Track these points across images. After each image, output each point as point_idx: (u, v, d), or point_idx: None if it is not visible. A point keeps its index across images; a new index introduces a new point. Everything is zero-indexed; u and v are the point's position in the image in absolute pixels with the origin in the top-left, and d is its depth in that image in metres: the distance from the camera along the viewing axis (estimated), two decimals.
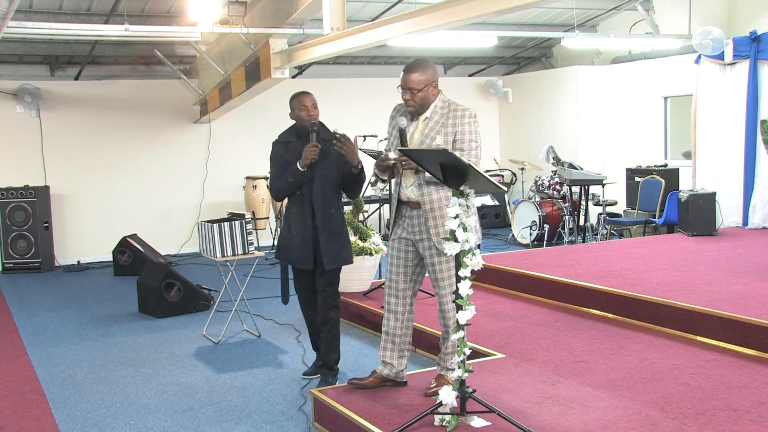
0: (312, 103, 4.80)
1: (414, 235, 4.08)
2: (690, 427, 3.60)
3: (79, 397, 5.00)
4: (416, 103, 4.00)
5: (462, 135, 3.95)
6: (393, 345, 4.24)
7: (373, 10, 9.77)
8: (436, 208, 3.97)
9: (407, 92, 3.99)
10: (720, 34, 8.72)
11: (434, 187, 3.96)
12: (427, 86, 3.97)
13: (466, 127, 3.96)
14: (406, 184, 4.07)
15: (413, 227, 4.08)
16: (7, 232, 9.82)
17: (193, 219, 10.82)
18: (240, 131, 11.14)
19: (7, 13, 5.22)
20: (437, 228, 3.97)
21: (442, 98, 4.06)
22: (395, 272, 4.17)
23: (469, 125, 3.96)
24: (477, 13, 4.83)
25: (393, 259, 4.18)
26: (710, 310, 5.03)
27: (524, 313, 5.99)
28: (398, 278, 4.17)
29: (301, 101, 4.80)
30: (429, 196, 3.98)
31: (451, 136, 3.96)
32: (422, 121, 4.04)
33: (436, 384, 4.12)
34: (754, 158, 8.85)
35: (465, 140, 3.94)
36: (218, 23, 7.23)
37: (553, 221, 9.98)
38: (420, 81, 3.96)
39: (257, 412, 4.58)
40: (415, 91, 3.96)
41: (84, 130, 10.52)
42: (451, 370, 4.04)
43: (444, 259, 3.98)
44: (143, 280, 7.48)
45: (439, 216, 3.96)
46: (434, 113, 4.01)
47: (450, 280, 4.00)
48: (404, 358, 4.27)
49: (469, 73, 13.05)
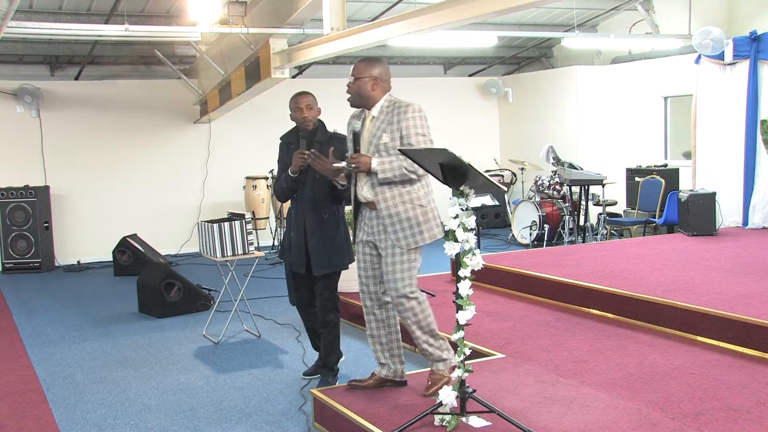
0: (306, 104, 4.75)
1: (373, 236, 4.07)
2: (690, 427, 3.60)
3: (79, 397, 5.00)
4: (352, 91, 4.07)
5: (407, 130, 3.94)
6: (382, 346, 4.25)
7: (373, 10, 9.77)
8: (391, 206, 3.97)
9: (350, 79, 4.08)
10: (720, 34, 8.72)
11: (387, 186, 3.96)
12: (367, 78, 4.01)
13: (410, 122, 3.94)
14: (361, 185, 4.07)
15: (372, 228, 4.07)
16: (7, 232, 9.82)
17: (193, 219, 10.81)
18: (240, 131, 11.14)
19: (7, 13, 5.22)
20: (394, 225, 3.97)
21: (389, 98, 4.07)
22: (364, 276, 4.17)
23: (413, 119, 3.94)
24: (477, 13, 4.82)
25: (360, 263, 4.18)
26: (710, 310, 5.03)
27: (524, 313, 5.98)
28: (368, 281, 4.17)
29: (296, 102, 4.79)
30: (383, 194, 3.97)
31: (397, 133, 3.95)
32: (370, 121, 4.07)
33: (431, 382, 4.11)
34: (754, 158, 8.85)
35: (411, 135, 3.93)
36: (218, 23, 7.23)
37: (553, 221, 9.98)
38: (361, 70, 4.02)
39: (257, 412, 4.58)
40: (353, 79, 4.04)
41: (84, 130, 10.52)
42: (440, 361, 4.08)
43: (403, 259, 3.97)
44: (143, 280, 7.48)
45: (395, 213, 3.96)
46: (381, 112, 4.03)
47: (411, 278, 3.99)
48: (397, 357, 4.26)
49: (469, 73, 13.05)
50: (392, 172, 3.91)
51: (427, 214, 3.98)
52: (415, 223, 3.95)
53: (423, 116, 3.98)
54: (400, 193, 3.95)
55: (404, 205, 3.96)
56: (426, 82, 12.43)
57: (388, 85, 4.10)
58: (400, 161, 3.90)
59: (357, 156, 4.02)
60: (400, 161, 3.90)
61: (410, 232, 3.96)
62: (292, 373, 5.30)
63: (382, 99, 4.06)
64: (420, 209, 3.97)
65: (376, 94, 4.05)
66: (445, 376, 4.08)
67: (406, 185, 3.96)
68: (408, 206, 3.96)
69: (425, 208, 3.99)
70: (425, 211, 3.98)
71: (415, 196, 3.97)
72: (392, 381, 4.27)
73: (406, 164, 3.88)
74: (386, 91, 4.09)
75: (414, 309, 4.01)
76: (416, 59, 12.32)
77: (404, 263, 3.99)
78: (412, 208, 3.96)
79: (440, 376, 4.10)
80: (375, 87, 4.04)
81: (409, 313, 4.01)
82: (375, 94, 4.05)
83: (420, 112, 3.98)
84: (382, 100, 4.06)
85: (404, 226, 3.96)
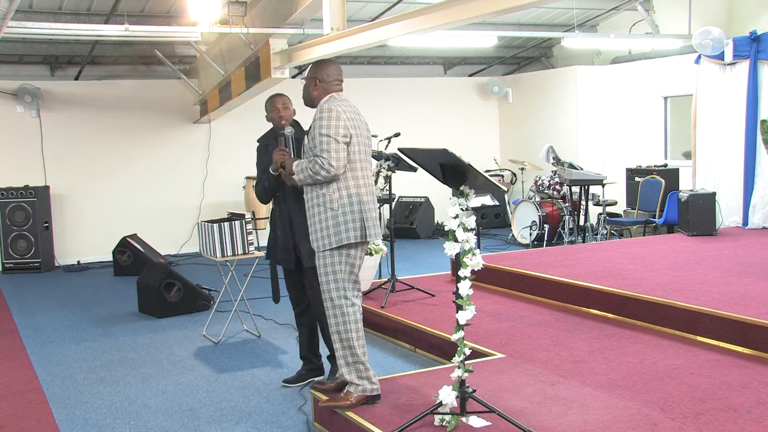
0: (282, 104, 4.84)
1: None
2: (690, 427, 3.60)
3: (79, 397, 5.00)
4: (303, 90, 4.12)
5: (312, 131, 3.90)
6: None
7: (373, 10, 9.77)
8: (309, 207, 3.96)
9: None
10: (720, 34, 8.72)
11: (310, 188, 3.95)
12: (311, 79, 4.04)
13: (315, 123, 3.88)
14: None
15: None
16: (7, 232, 9.82)
17: (193, 219, 10.82)
18: (240, 131, 11.13)
19: (7, 13, 5.21)
20: (311, 227, 3.96)
21: (322, 104, 3.95)
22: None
23: (319, 120, 3.86)
24: (477, 13, 4.83)
25: None
26: (710, 310, 5.03)
27: (524, 313, 5.98)
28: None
29: (272, 103, 4.87)
30: (306, 195, 3.99)
31: (311, 136, 3.93)
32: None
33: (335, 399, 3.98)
34: (754, 158, 8.85)
35: (315, 136, 3.86)
36: (218, 23, 7.23)
37: (553, 221, 9.98)
38: (309, 71, 4.10)
39: (257, 412, 4.58)
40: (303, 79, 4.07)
41: (84, 130, 10.52)
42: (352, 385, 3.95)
43: (322, 262, 3.92)
44: (143, 280, 7.48)
45: (310, 216, 3.95)
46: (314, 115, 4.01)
47: (326, 279, 3.92)
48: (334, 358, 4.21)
49: (469, 73, 13.05)
50: (303, 174, 3.89)
51: (337, 218, 3.87)
52: (324, 226, 3.89)
53: (331, 116, 3.84)
54: (316, 195, 3.92)
55: (318, 207, 3.91)
56: (426, 82, 12.43)
57: (330, 87, 4.01)
58: (308, 164, 3.86)
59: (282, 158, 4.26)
60: (308, 162, 3.87)
61: (320, 235, 3.91)
62: (292, 373, 5.29)
63: (321, 102, 3.99)
64: (331, 212, 3.88)
65: (315, 94, 4.04)
66: (350, 401, 3.93)
67: (323, 188, 3.89)
68: (321, 209, 3.90)
69: (336, 212, 3.87)
70: (336, 215, 3.87)
71: (327, 199, 3.88)
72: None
73: (310, 165, 3.83)
74: (327, 92, 4.01)
75: (333, 316, 3.93)
76: (416, 59, 12.32)
77: (325, 266, 3.92)
78: (324, 211, 3.89)
79: (344, 398, 3.96)
80: (316, 88, 4.03)
81: (331, 320, 3.94)
82: (315, 94, 4.04)
83: (328, 112, 3.86)
84: (322, 103, 3.98)
85: (315, 228, 3.93)
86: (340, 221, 3.88)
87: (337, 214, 3.88)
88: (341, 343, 3.94)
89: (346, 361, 3.95)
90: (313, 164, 3.82)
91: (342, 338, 3.93)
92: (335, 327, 3.93)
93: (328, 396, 4.07)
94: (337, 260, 3.91)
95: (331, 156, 3.79)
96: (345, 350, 3.94)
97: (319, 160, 3.80)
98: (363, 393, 3.95)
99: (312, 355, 5.02)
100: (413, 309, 6.18)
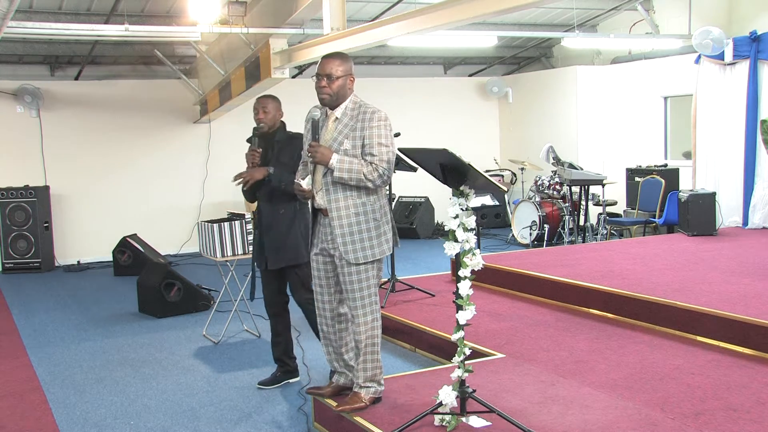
0: (261, 106, 4.84)
1: (327, 243, 3.84)
2: (690, 427, 3.60)
3: (79, 397, 5.00)
4: (332, 92, 3.75)
5: (370, 139, 3.69)
6: (337, 355, 4.07)
7: (373, 10, 9.77)
8: (344, 216, 3.73)
9: (324, 79, 3.75)
10: (720, 34, 8.71)
11: (342, 194, 3.73)
12: (346, 77, 3.76)
13: (374, 130, 3.70)
14: (316, 189, 3.84)
15: (326, 236, 3.84)
16: (7, 232, 9.82)
17: (193, 219, 10.82)
18: (240, 131, 11.08)
19: (7, 13, 5.22)
20: (344, 237, 3.73)
21: (354, 99, 3.82)
22: (318, 285, 3.96)
23: (378, 128, 3.70)
24: (477, 13, 4.83)
25: (314, 271, 3.96)
26: (710, 310, 5.03)
27: (524, 313, 5.98)
28: (323, 291, 3.95)
29: (254, 105, 4.90)
30: (336, 203, 3.74)
31: (359, 141, 3.72)
32: (332, 122, 3.81)
33: (348, 402, 3.92)
34: (754, 158, 8.85)
35: (374, 144, 3.69)
36: (218, 23, 7.23)
37: (553, 221, 9.98)
38: (340, 69, 3.75)
39: (257, 412, 4.58)
40: (334, 78, 3.73)
41: (84, 130, 10.53)
42: (364, 388, 3.92)
43: (353, 270, 3.75)
44: (143, 280, 7.48)
45: (346, 225, 3.73)
46: (344, 115, 3.78)
47: (361, 293, 3.78)
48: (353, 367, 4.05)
49: (469, 73, 13.05)
50: (349, 174, 3.66)
51: (379, 229, 3.77)
52: (366, 237, 3.74)
53: (388, 125, 3.74)
54: (355, 204, 3.73)
55: (357, 217, 3.73)
56: (426, 82, 12.43)
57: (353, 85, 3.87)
58: (361, 165, 3.67)
59: (317, 145, 3.74)
60: (362, 165, 3.67)
61: (360, 246, 3.73)
62: None
63: (347, 100, 3.82)
64: (374, 223, 3.75)
65: (350, 92, 3.82)
66: (363, 402, 3.90)
67: (362, 196, 3.73)
68: (361, 218, 3.73)
69: (379, 222, 3.76)
70: (378, 224, 3.76)
71: (370, 208, 3.75)
72: (350, 389, 4.07)
73: (366, 170, 3.66)
74: (353, 91, 3.86)
75: (371, 329, 3.84)
76: (416, 59, 12.32)
77: (367, 279, 3.79)
78: (365, 221, 3.74)
79: (359, 399, 3.92)
80: (351, 85, 3.82)
81: (361, 328, 3.83)
82: (350, 92, 3.82)
83: (386, 121, 3.73)
84: (348, 101, 3.82)
85: (354, 239, 3.72)
86: (382, 231, 3.78)
87: (380, 224, 3.77)
88: (372, 347, 3.86)
89: (365, 366, 3.89)
90: (372, 170, 3.66)
91: (374, 344, 3.87)
92: (370, 339, 3.84)
93: (336, 401, 4.03)
94: (374, 273, 3.81)
95: (390, 168, 3.70)
96: (372, 354, 3.88)
97: (380, 169, 3.67)
98: (374, 395, 3.95)
99: (287, 357, 5.05)
100: (413, 309, 6.18)
